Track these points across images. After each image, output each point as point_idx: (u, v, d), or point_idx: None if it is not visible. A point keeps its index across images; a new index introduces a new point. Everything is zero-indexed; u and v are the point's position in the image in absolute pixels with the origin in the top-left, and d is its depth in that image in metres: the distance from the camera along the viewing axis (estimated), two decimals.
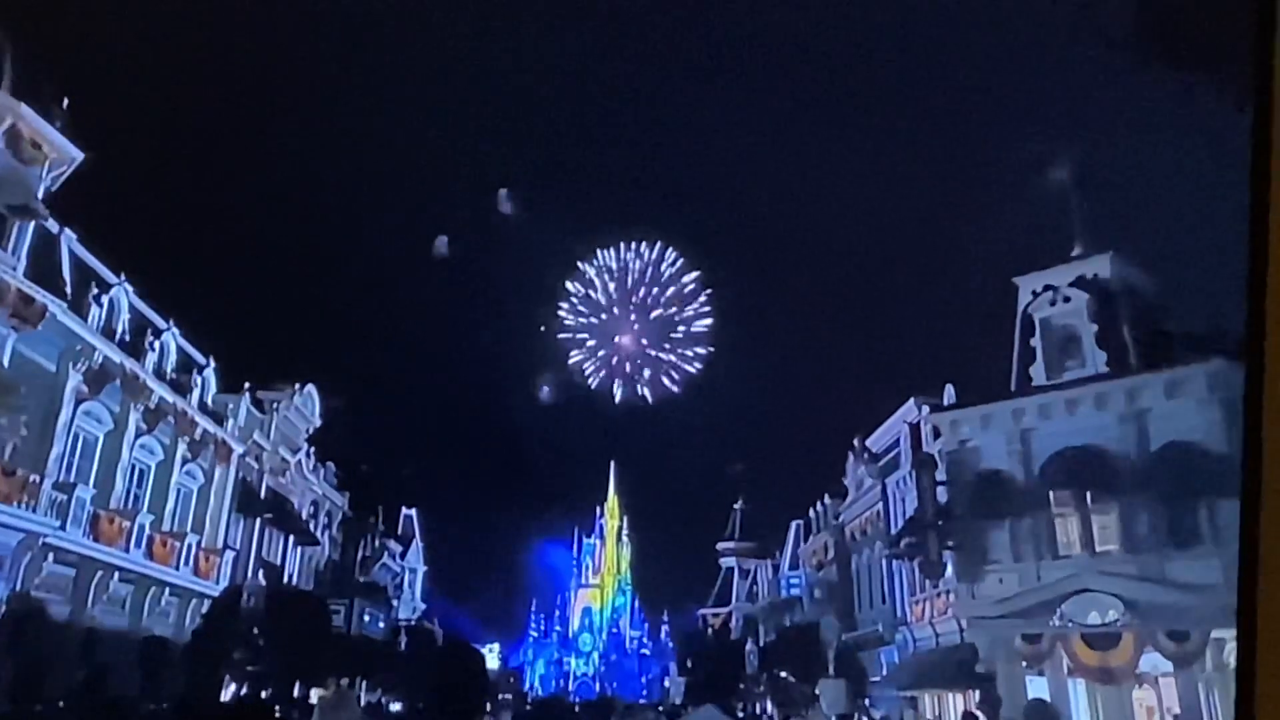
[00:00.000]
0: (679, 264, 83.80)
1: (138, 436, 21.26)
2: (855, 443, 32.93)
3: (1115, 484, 18.29)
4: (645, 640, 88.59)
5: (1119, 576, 17.73)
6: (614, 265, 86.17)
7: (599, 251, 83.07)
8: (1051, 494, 19.31)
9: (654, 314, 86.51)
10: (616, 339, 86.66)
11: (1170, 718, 17.46)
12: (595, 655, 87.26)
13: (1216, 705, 16.66)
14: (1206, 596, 16.46)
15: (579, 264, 79.91)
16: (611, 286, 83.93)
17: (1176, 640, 16.72)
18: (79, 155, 18.77)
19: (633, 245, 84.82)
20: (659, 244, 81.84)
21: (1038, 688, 18.41)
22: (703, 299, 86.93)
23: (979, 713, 18.78)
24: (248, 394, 26.88)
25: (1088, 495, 18.92)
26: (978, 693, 19.82)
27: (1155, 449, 17.99)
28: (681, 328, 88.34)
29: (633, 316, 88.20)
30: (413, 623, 43.21)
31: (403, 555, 44.72)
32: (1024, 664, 18.94)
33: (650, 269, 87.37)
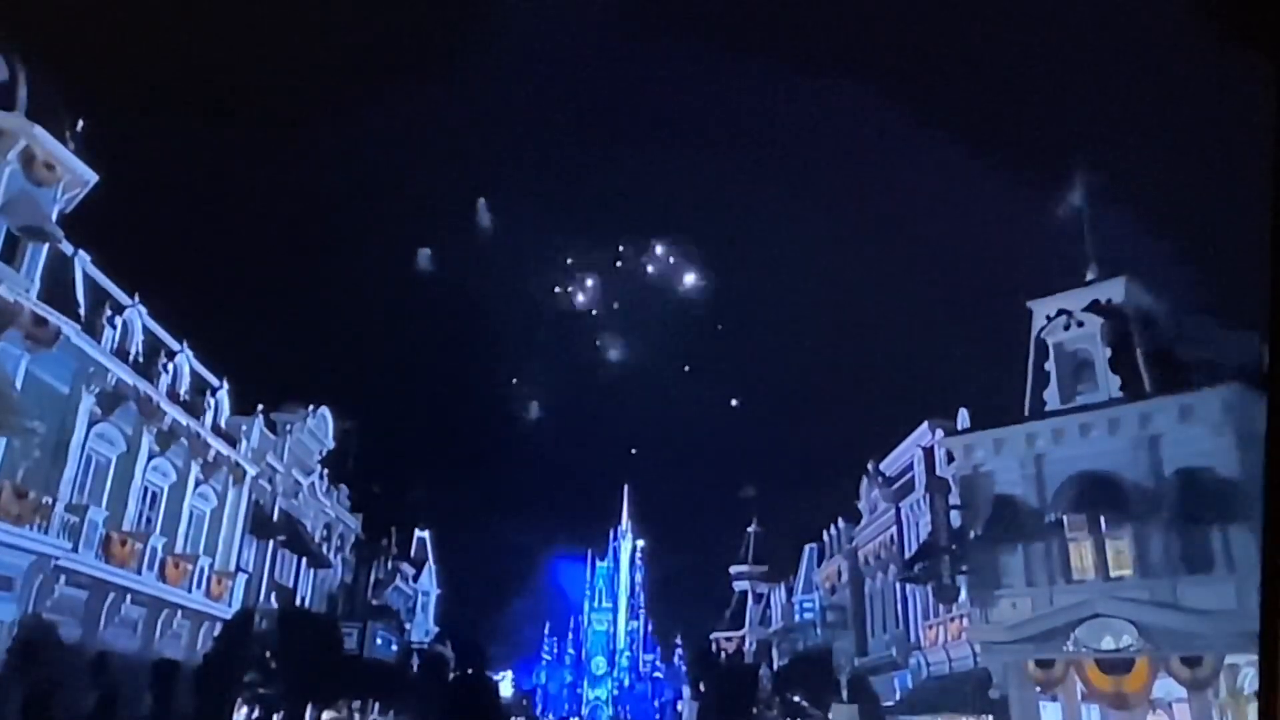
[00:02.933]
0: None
1: (150, 458, 21.71)
2: (869, 466, 33.02)
3: (1128, 509, 18.37)
4: (658, 664, 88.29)
5: (1132, 601, 17.77)
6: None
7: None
8: (1065, 518, 19.39)
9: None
10: None
11: None
12: (608, 679, 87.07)
13: None
14: (1220, 622, 16.50)
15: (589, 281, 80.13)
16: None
17: (1190, 665, 16.75)
18: (93, 177, 19.33)
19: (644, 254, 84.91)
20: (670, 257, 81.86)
21: (1051, 713, 18.42)
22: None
23: None
24: (261, 416, 27.37)
25: (1101, 520, 19.01)
26: (991, 718, 19.81)
27: (1169, 474, 18.07)
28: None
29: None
30: (425, 646, 43.45)
31: (415, 578, 45.05)
32: (1037, 689, 18.95)
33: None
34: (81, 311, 19.15)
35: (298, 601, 28.90)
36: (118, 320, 20.55)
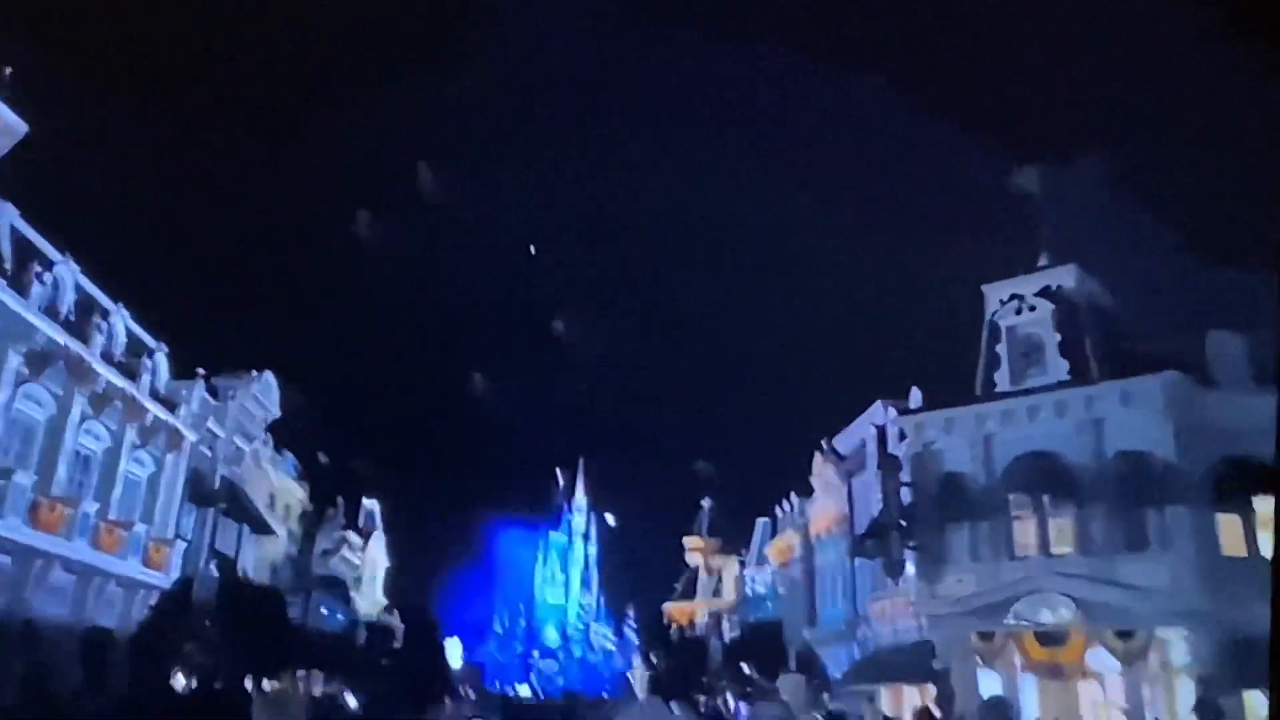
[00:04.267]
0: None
1: (83, 421, 20.95)
2: (823, 443, 33.53)
3: (1071, 489, 18.97)
4: (610, 635, 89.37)
5: (1072, 577, 18.42)
6: None
7: None
8: (1011, 497, 19.95)
9: None
10: None
11: (1114, 712, 18.20)
12: (560, 651, 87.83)
13: (1159, 700, 17.45)
14: (1153, 598, 17.23)
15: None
16: None
17: (1123, 639, 17.46)
18: (24, 128, 18.44)
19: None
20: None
21: (990, 683, 19.07)
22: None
23: (934, 707, 19.41)
24: (202, 381, 26.57)
25: (1045, 499, 19.58)
26: (933, 688, 20.43)
27: (1110, 456, 18.68)
28: None
29: None
30: (373, 617, 43.18)
31: (363, 549, 44.55)
32: (978, 660, 19.59)
33: None
34: (7, 266, 18.31)
35: (240, 571, 28.35)
36: (47, 277, 19.67)
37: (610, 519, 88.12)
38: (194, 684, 20.28)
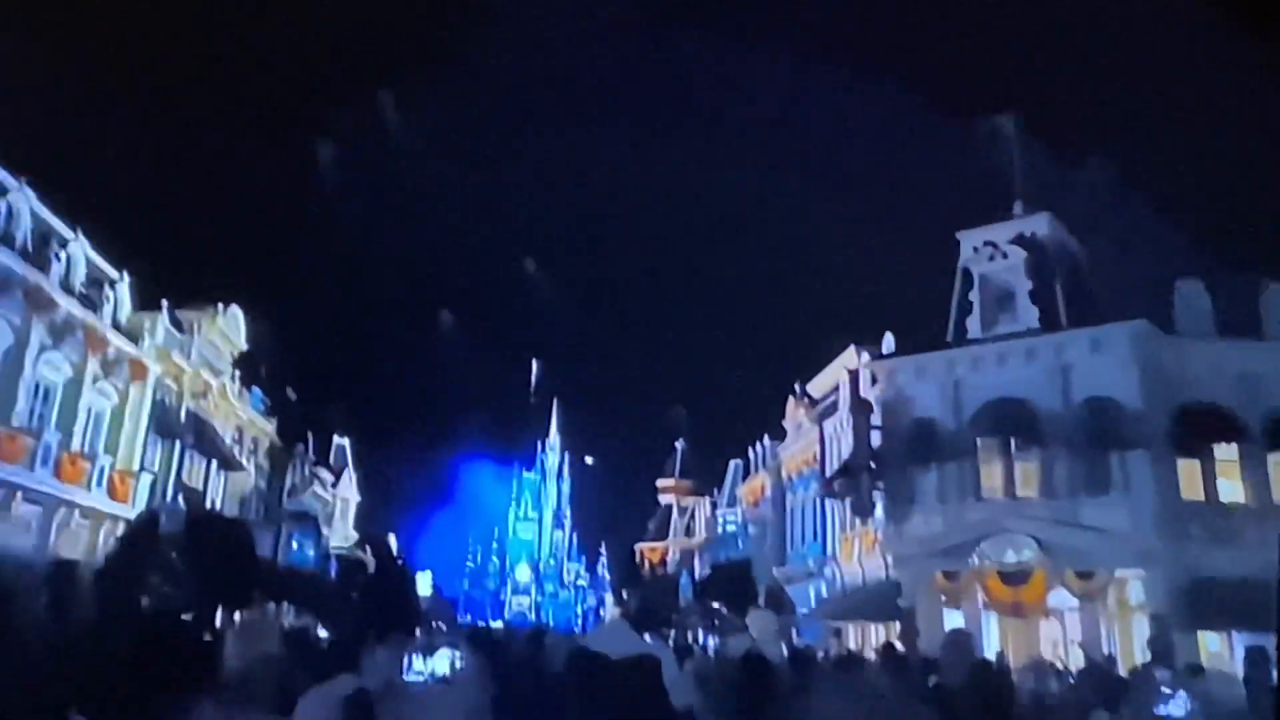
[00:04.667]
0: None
1: (42, 352, 20.41)
2: (796, 387, 33.81)
3: (1038, 433, 19.29)
4: (582, 573, 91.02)
5: (1035, 519, 18.89)
6: None
7: None
8: (979, 441, 20.27)
9: None
10: None
11: (1072, 647, 18.92)
12: (532, 587, 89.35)
13: (1116, 637, 18.13)
14: (1114, 540, 17.74)
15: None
16: None
17: (1083, 579, 18.03)
18: None
19: None
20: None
21: (954, 621, 19.65)
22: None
23: (898, 643, 20.01)
24: (166, 312, 25.94)
25: (1012, 443, 19.92)
26: (899, 625, 21.04)
27: (1077, 402, 18.97)
28: None
29: None
30: (344, 551, 43.36)
31: (334, 485, 44.53)
32: (943, 599, 20.16)
33: None
34: None
35: (208, 504, 28.18)
36: (1, 203, 18.89)
37: (589, 459, 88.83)
38: (163, 615, 20.27)
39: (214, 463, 29.01)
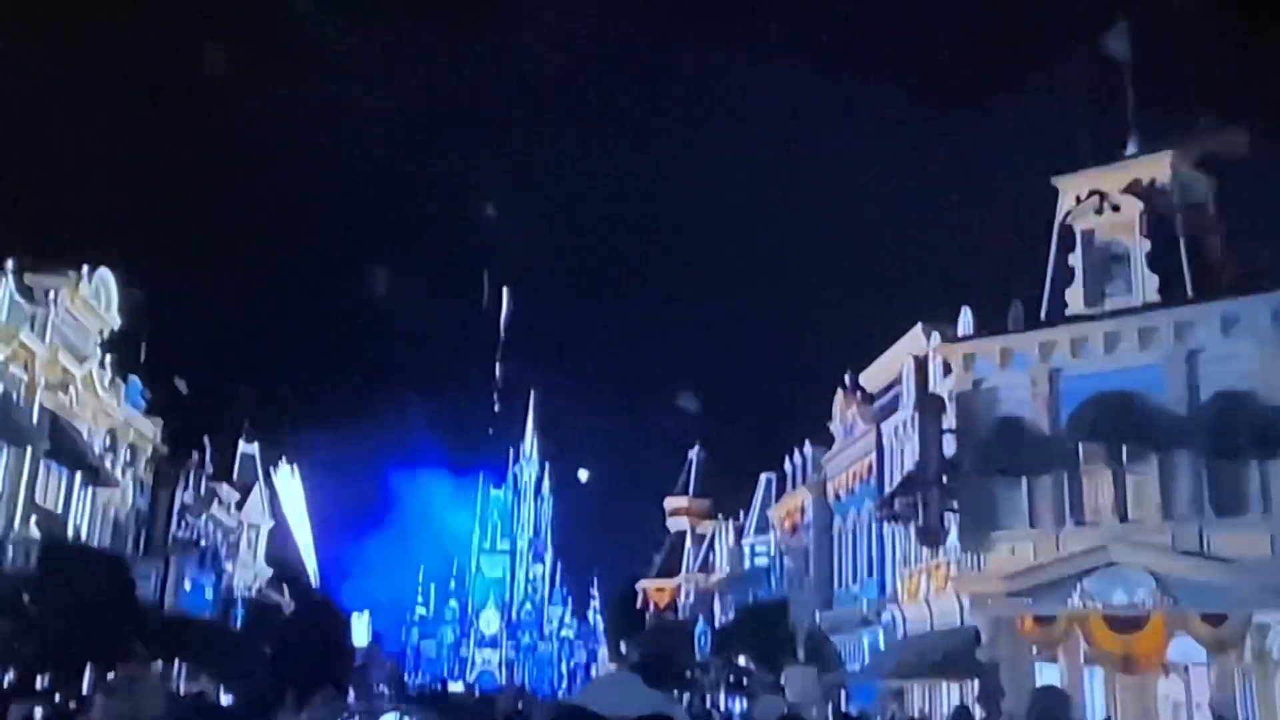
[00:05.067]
0: None
1: None
2: (846, 378, 34.21)
3: (1156, 438, 19.73)
4: (568, 619, 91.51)
5: (1151, 548, 19.37)
6: None
7: None
8: (1080, 448, 20.73)
9: None
10: None
11: (1198, 710, 19.39)
12: (502, 638, 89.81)
13: (1254, 698, 18.60)
14: (1250, 573, 18.17)
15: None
16: None
17: (1213, 624, 18.50)
18: None
19: None
20: None
21: (1047, 678, 20.17)
22: None
23: (976, 707, 20.56)
24: (10, 276, 25.42)
25: (1123, 450, 20.37)
26: (976, 683, 21.58)
27: (1205, 398, 19.40)
28: None
29: None
30: (252, 593, 43.91)
31: (240, 505, 44.87)
32: (1034, 650, 20.69)
33: None
34: None
35: (70, 531, 28.44)
36: None
37: (583, 474, 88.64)
38: (12, 677, 20.54)
39: (78, 476, 29.23)
